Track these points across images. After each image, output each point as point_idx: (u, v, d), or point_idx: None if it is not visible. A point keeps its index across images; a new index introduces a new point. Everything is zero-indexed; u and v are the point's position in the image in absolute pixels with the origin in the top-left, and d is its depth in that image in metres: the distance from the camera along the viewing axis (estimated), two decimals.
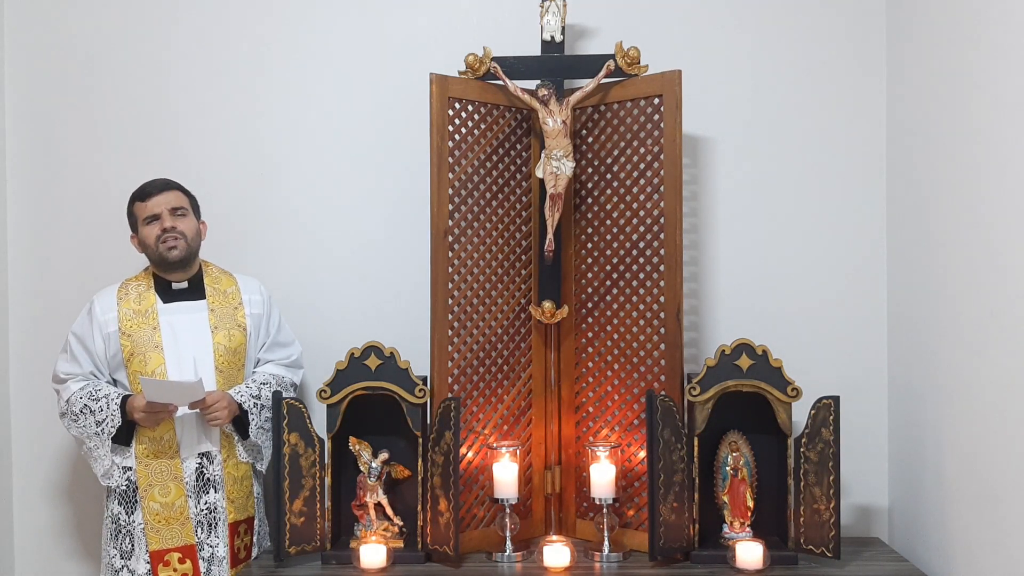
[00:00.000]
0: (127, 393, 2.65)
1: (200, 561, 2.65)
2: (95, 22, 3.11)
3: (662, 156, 2.71)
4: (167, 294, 2.72)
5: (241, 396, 2.68)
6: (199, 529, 2.66)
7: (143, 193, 2.70)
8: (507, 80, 2.76)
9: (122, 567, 2.66)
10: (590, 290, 2.88)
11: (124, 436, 2.63)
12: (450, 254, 2.73)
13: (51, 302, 3.09)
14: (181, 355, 2.66)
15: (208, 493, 2.67)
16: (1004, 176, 2.20)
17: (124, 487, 2.66)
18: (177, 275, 2.73)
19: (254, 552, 2.76)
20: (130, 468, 2.65)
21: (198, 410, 2.61)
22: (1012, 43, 2.17)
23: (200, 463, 2.67)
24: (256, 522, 2.78)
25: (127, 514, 2.66)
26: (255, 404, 2.69)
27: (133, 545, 2.66)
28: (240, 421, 2.69)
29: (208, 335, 2.70)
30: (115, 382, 2.71)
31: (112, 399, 2.62)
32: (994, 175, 2.25)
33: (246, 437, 2.71)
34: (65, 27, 3.11)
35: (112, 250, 3.03)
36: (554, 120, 2.72)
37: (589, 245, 2.88)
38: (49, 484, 3.15)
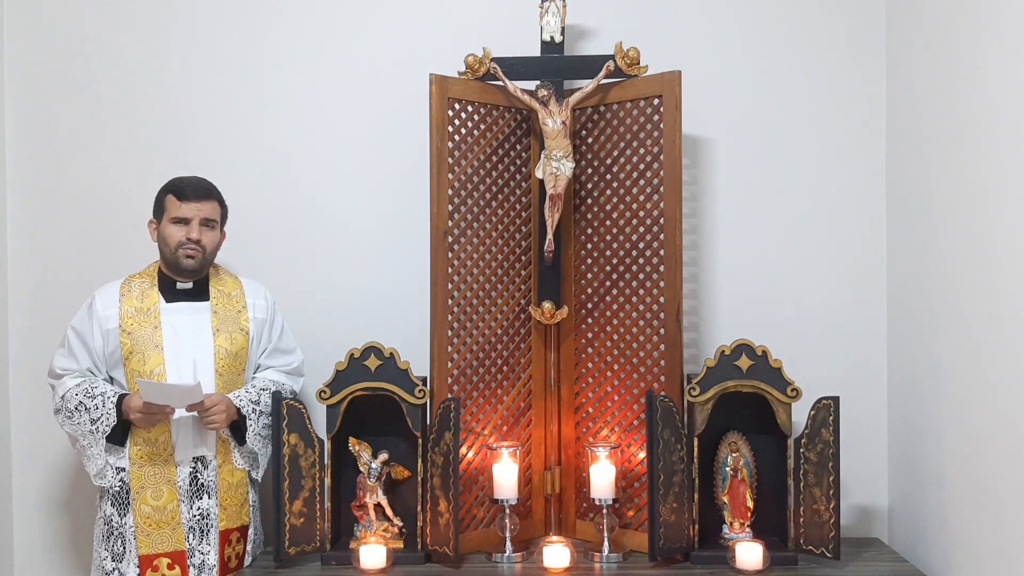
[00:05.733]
0: (124, 392, 2.59)
1: (190, 568, 2.58)
2: (95, 22, 3.11)
3: (662, 157, 2.71)
4: (171, 293, 2.67)
5: (240, 401, 2.63)
6: (191, 535, 2.60)
7: (181, 191, 2.63)
8: (507, 81, 2.76)
9: (113, 569, 2.60)
10: (590, 291, 2.88)
11: (119, 436, 2.57)
12: (450, 254, 2.73)
13: (50, 302, 3.08)
14: (181, 356, 2.61)
15: (201, 499, 2.61)
16: (1004, 176, 2.20)
17: (117, 488, 2.59)
18: (184, 277, 2.68)
19: (246, 561, 2.69)
20: (123, 469, 2.59)
21: (196, 413, 2.56)
22: (1012, 44, 2.17)
23: (194, 468, 2.61)
24: (251, 531, 2.72)
25: (119, 516, 2.60)
26: (254, 410, 2.64)
27: (125, 547, 2.59)
28: (238, 426, 2.64)
29: (209, 337, 2.65)
30: (112, 379, 2.66)
31: (108, 397, 2.56)
32: (994, 175, 2.25)
33: (243, 443, 2.66)
34: (66, 26, 3.11)
35: (112, 248, 3.04)
36: (554, 121, 2.72)
37: (589, 246, 2.88)
38: (49, 483, 3.14)
